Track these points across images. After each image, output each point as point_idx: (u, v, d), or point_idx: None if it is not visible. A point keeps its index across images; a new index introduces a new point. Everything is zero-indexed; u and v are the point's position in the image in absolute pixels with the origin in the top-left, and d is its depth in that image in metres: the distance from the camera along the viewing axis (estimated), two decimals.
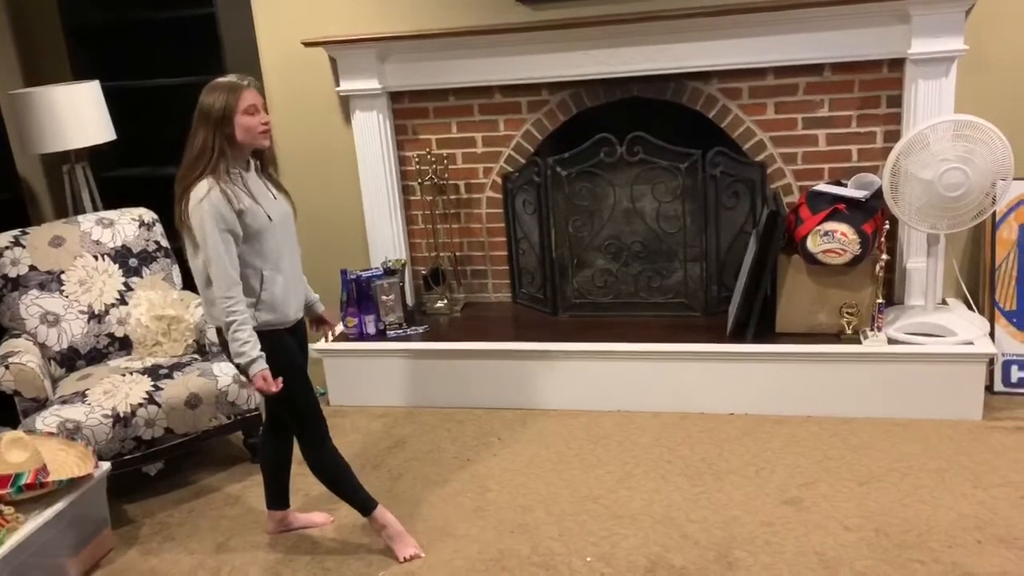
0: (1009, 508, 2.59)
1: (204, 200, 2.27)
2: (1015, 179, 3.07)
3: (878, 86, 3.33)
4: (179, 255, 3.54)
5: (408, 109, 3.78)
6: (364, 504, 2.59)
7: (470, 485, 2.97)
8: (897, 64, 3.26)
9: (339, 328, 3.70)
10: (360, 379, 3.61)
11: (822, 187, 3.31)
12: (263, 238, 2.37)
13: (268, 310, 2.41)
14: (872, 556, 2.43)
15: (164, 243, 3.47)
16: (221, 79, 2.36)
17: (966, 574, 2.32)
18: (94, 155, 3.76)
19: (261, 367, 2.34)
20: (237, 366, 2.40)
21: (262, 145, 2.40)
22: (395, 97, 3.76)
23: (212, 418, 3.05)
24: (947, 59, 3.15)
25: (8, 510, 2.45)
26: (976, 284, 3.42)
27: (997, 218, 3.26)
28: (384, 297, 3.64)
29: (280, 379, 2.36)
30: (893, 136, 3.32)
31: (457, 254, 3.92)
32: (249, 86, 2.34)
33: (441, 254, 3.89)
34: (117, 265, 3.35)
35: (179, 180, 2.34)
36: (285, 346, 2.46)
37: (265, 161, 2.48)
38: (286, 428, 2.65)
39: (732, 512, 2.68)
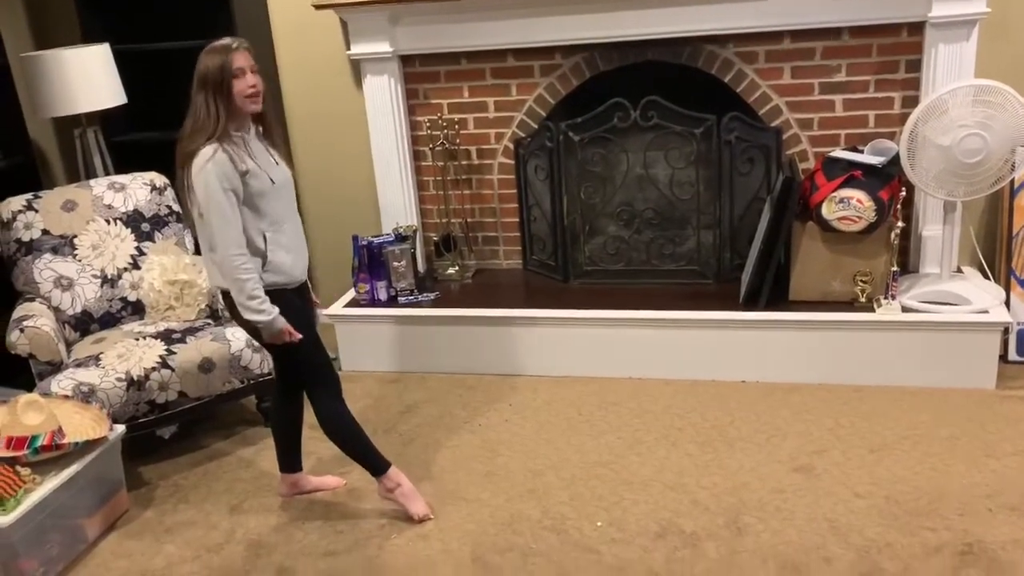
0: (1021, 476, 2.59)
1: (209, 162, 2.27)
2: None
3: (897, 50, 3.27)
4: (191, 220, 3.55)
5: (419, 73, 3.74)
6: (377, 464, 2.61)
7: (481, 450, 2.98)
8: (917, 28, 3.20)
9: (349, 295, 3.71)
10: (372, 345, 3.62)
11: (838, 153, 3.27)
12: (266, 200, 2.38)
13: (274, 271, 2.42)
14: (882, 523, 2.43)
15: (176, 208, 3.47)
16: (216, 42, 2.34)
17: (977, 541, 2.33)
18: (105, 119, 3.74)
19: (283, 322, 2.37)
20: (246, 324, 2.41)
21: (251, 109, 2.38)
22: (406, 61, 3.72)
23: (225, 382, 3.07)
24: (968, 22, 3.09)
25: (25, 471, 2.48)
26: (992, 252, 3.39)
27: (1015, 185, 3.21)
28: (395, 263, 3.64)
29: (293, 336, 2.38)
30: (911, 102, 3.27)
31: (468, 220, 3.90)
32: (238, 48, 2.32)
33: (452, 220, 3.88)
34: (129, 229, 3.36)
35: (182, 146, 2.34)
36: (294, 306, 2.48)
37: (267, 125, 2.47)
38: (298, 391, 2.67)
39: (742, 479, 2.69)
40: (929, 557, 2.28)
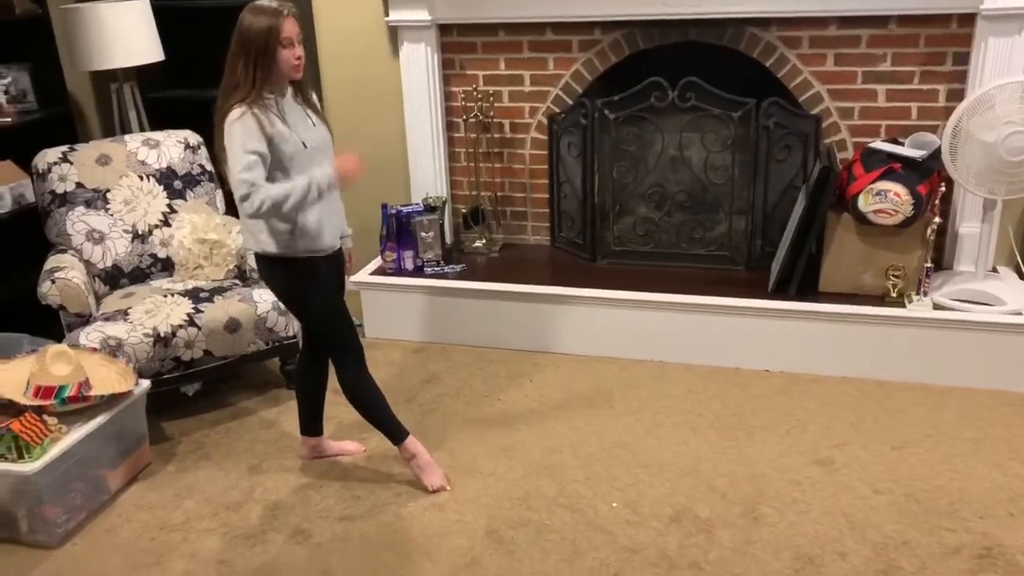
0: None
1: (236, 123, 2.26)
2: None
3: (945, 42, 3.19)
4: (223, 180, 3.56)
5: (456, 43, 3.71)
6: (395, 432, 2.62)
7: (499, 425, 2.99)
8: (967, 19, 3.12)
9: (376, 263, 3.72)
10: (396, 313, 3.63)
11: (878, 144, 3.21)
12: (296, 163, 2.34)
13: (304, 236, 2.40)
14: (901, 521, 2.41)
15: (209, 167, 3.49)
16: (263, 2, 2.30)
17: (997, 545, 2.30)
18: (142, 75, 3.76)
19: (328, 170, 2.34)
20: (276, 288, 2.49)
21: (294, 78, 2.36)
22: (444, 30, 3.69)
23: (250, 343, 3.09)
24: (1021, 16, 3.01)
25: (52, 420, 2.52)
26: None
27: None
28: (423, 233, 3.64)
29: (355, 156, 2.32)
30: (956, 95, 3.19)
31: (498, 194, 3.88)
32: (288, 14, 2.28)
33: (482, 193, 3.86)
34: (162, 186, 3.37)
35: (218, 107, 2.32)
36: (321, 271, 2.48)
37: (302, 87, 2.44)
38: (324, 356, 2.68)
39: (761, 468, 2.68)
40: (947, 558, 2.27)
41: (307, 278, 2.44)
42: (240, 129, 2.26)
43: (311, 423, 2.80)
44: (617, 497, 2.57)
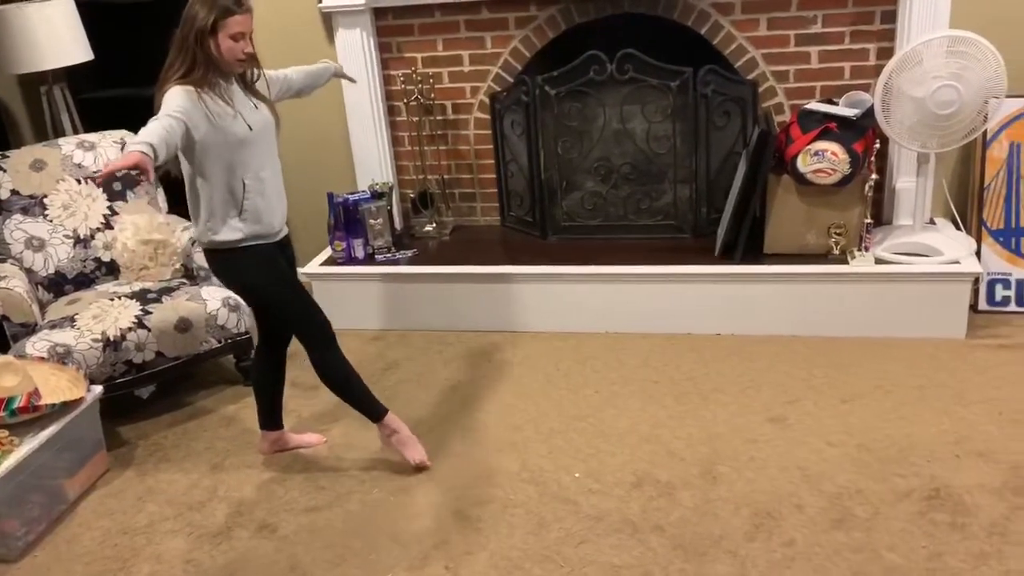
0: (987, 423, 2.65)
1: (174, 92, 2.24)
2: (1007, 96, 3.03)
3: (872, 1, 3.25)
4: (164, 179, 3.50)
5: (392, 26, 3.69)
6: (374, 410, 2.61)
7: (461, 406, 3.01)
8: None
9: (326, 253, 3.70)
10: (349, 303, 3.61)
11: (813, 106, 3.27)
12: (246, 147, 2.35)
13: (253, 220, 2.40)
14: (854, 471, 2.49)
15: None
16: None
17: (944, 486, 2.39)
18: (72, 76, 3.67)
19: (137, 149, 2.04)
20: (230, 282, 2.51)
21: (236, 70, 2.35)
22: (379, 14, 3.66)
23: (203, 342, 3.06)
24: None
25: (3, 433, 2.47)
26: (964, 203, 3.42)
27: (988, 136, 3.24)
28: (372, 221, 3.62)
29: (145, 159, 2.03)
30: (886, 53, 3.26)
31: (445, 177, 3.88)
32: (244, 10, 2.27)
33: (429, 177, 3.85)
34: (101, 189, 3.31)
35: (158, 84, 2.30)
36: (271, 257, 2.47)
37: (246, 73, 2.43)
38: (279, 348, 2.68)
39: (717, 429, 2.74)
40: (898, 502, 2.35)
41: (258, 264, 2.43)
42: (175, 93, 2.23)
43: (270, 417, 2.78)
44: (579, 467, 2.61)
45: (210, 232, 2.40)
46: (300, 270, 3.52)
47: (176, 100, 2.23)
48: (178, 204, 3.47)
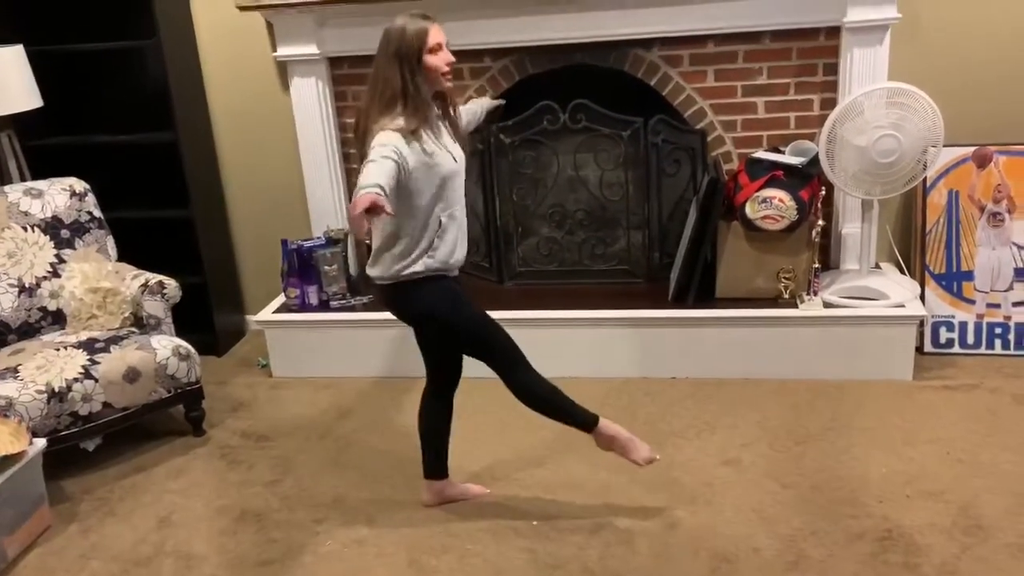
0: (936, 464, 2.70)
1: (388, 135, 2.17)
2: (945, 146, 3.15)
3: (815, 54, 3.37)
4: (113, 226, 3.46)
5: (348, 75, 3.71)
6: (586, 419, 2.51)
7: (416, 452, 2.95)
8: (833, 32, 3.31)
9: (279, 300, 3.66)
10: (304, 351, 3.57)
11: (760, 154, 3.36)
12: (449, 183, 2.31)
13: (437, 258, 2.36)
14: (808, 512, 2.51)
15: (97, 213, 3.37)
16: (406, 13, 2.25)
17: (896, 527, 2.42)
18: (20, 123, 3.61)
19: (369, 192, 2.01)
20: (408, 318, 2.47)
21: (444, 87, 2.31)
22: (335, 63, 3.69)
23: (152, 392, 2.99)
24: (881, 27, 3.21)
25: None
26: (908, 248, 3.53)
27: (927, 184, 3.35)
28: (327, 267, 3.60)
29: (379, 197, 2.00)
30: (829, 103, 3.37)
31: None
32: (435, 21, 2.25)
33: None
34: (48, 236, 3.25)
35: (368, 116, 2.25)
36: (452, 291, 2.43)
37: (449, 103, 2.38)
38: (448, 392, 2.61)
39: (674, 473, 2.74)
40: (852, 543, 2.37)
41: (440, 294, 2.40)
42: (395, 138, 2.17)
43: (436, 464, 2.66)
44: (537, 515, 2.59)
45: (395, 267, 2.34)
46: (252, 318, 3.48)
47: (392, 141, 2.17)
48: (127, 252, 3.44)
